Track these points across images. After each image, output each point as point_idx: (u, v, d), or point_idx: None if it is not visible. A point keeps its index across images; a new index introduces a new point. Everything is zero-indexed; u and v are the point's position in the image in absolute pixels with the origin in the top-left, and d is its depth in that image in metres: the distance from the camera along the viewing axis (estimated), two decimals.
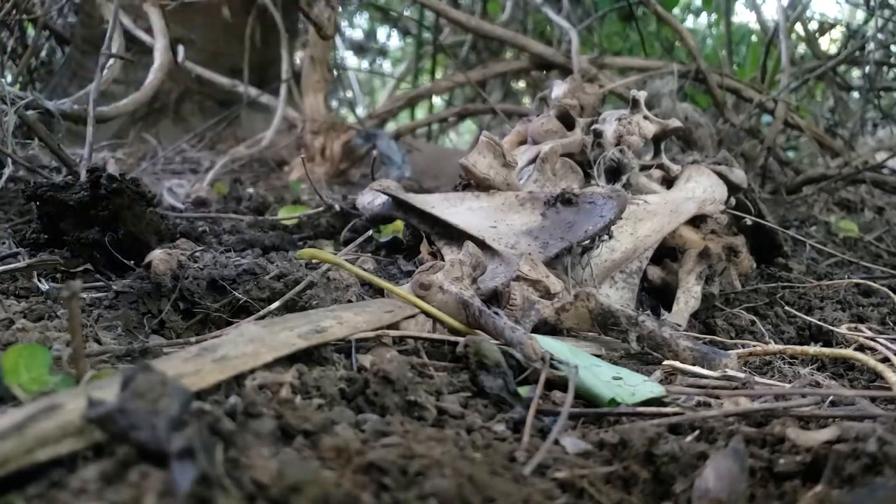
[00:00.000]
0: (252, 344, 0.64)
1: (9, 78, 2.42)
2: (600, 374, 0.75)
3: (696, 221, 1.23)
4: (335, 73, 3.20)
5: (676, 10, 3.44)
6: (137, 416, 0.42)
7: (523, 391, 0.71)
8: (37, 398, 0.54)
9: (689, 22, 4.05)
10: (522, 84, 3.62)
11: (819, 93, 3.31)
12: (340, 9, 3.16)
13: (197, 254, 1.10)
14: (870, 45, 2.70)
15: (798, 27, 3.09)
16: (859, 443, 0.55)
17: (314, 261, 0.98)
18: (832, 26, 3.19)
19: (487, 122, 3.23)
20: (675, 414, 0.66)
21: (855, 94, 3.13)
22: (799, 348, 0.94)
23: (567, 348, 0.82)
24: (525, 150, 1.34)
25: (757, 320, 1.14)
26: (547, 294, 0.94)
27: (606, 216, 1.03)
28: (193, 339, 0.80)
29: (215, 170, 2.19)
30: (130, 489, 0.39)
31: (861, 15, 3.22)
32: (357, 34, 4.61)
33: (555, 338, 0.88)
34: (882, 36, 2.77)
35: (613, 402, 0.70)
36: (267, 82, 2.83)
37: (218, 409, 0.50)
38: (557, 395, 0.71)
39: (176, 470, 0.39)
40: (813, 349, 0.94)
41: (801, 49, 3.26)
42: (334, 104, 3.82)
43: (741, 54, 3.47)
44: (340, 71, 3.86)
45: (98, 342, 0.80)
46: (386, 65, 4.88)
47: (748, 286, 1.29)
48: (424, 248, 1.14)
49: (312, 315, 0.76)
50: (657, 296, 1.18)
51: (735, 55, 3.35)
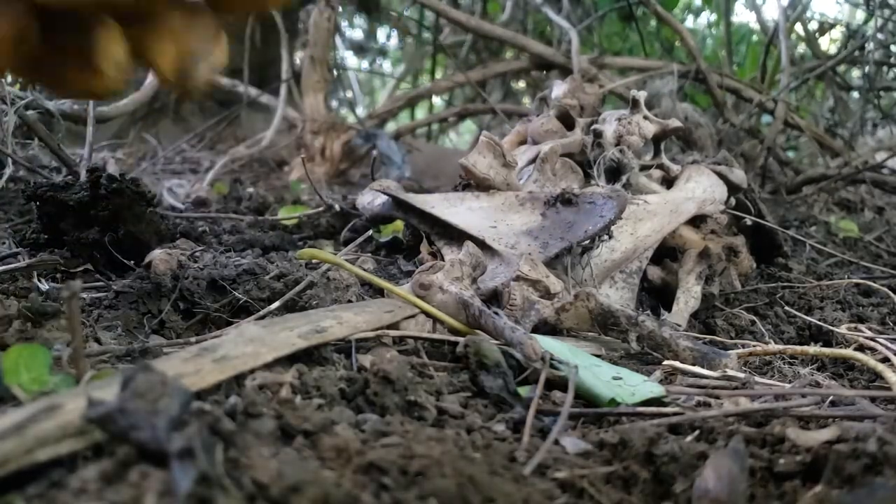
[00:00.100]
0: (252, 344, 0.64)
1: (9, 78, 2.42)
2: (600, 374, 0.75)
3: (696, 221, 1.23)
4: (335, 73, 3.19)
5: (676, 10, 3.43)
6: (137, 416, 0.42)
7: (523, 391, 0.71)
8: (37, 398, 0.54)
9: (689, 22, 4.05)
10: (522, 84, 3.61)
11: (819, 93, 3.31)
12: (340, 8, 3.15)
13: (197, 254, 1.10)
14: (869, 45, 2.70)
15: (798, 27, 3.09)
16: (859, 443, 0.55)
17: (314, 261, 0.98)
18: (832, 26, 3.19)
19: (487, 122, 3.22)
20: (675, 414, 0.66)
21: (855, 94, 3.13)
22: (799, 348, 0.94)
23: (567, 348, 0.82)
24: (525, 150, 1.34)
25: (757, 320, 1.14)
26: (547, 294, 0.94)
27: (606, 216, 1.03)
28: (193, 339, 0.80)
29: (215, 170, 2.19)
30: (130, 489, 0.39)
31: (861, 15, 3.22)
32: (357, 34, 4.61)
33: (555, 338, 0.88)
34: (882, 36, 2.77)
35: (613, 402, 0.70)
36: (267, 82, 2.83)
37: (218, 409, 0.50)
38: (557, 395, 0.71)
39: (176, 470, 0.39)
40: (813, 349, 0.94)
41: (801, 49, 3.26)
42: (334, 104, 3.81)
43: (741, 54, 3.47)
44: (340, 71, 3.86)
45: (98, 342, 0.80)
46: (386, 65, 4.88)
47: (748, 286, 1.29)
48: (424, 248, 1.14)
49: (312, 315, 0.76)
50: (657, 296, 1.18)
51: (735, 55, 3.34)
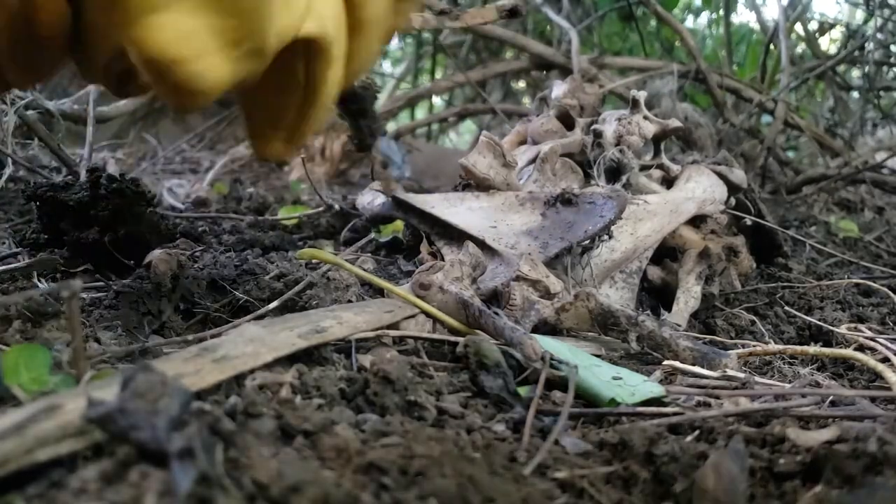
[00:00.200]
0: (252, 344, 0.64)
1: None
2: (600, 374, 0.75)
3: (696, 221, 1.23)
4: None
5: (676, 10, 3.43)
6: (137, 416, 0.42)
7: (523, 391, 0.71)
8: (37, 398, 0.54)
9: (689, 22, 4.05)
10: (522, 84, 3.61)
11: (819, 93, 3.31)
12: None
13: (197, 254, 1.10)
14: (869, 45, 2.70)
15: (798, 27, 3.09)
16: (859, 443, 0.55)
17: (314, 261, 0.98)
18: (832, 26, 3.19)
19: (487, 122, 3.22)
20: (675, 414, 0.66)
21: (855, 94, 3.13)
22: (799, 348, 0.94)
23: (567, 348, 0.82)
24: (525, 150, 1.34)
25: (757, 320, 1.14)
26: (547, 294, 0.94)
27: (606, 216, 1.03)
28: (193, 339, 0.80)
29: (215, 170, 2.19)
30: (130, 489, 0.39)
31: (861, 15, 3.22)
32: None
33: (555, 338, 0.88)
34: (882, 36, 2.77)
35: (613, 402, 0.70)
36: None
37: (218, 409, 0.50)
38: (557, 395, 0.71)
39: (176, 470, 0.39)
40: (813, 349, 0.94)
41: (801, 49, 3.26)
42: None
43: (741, 54, 3.46)
44: None
45: (98, 342, 0.80)
46: (386, 65, 4.87)
47: (748, 286, 1.29)
48: (424, 248, 1.14)
49: (312, 315, 0.76)
50: (657, 296, 1.18)
51: (735, 55, 3.34)
